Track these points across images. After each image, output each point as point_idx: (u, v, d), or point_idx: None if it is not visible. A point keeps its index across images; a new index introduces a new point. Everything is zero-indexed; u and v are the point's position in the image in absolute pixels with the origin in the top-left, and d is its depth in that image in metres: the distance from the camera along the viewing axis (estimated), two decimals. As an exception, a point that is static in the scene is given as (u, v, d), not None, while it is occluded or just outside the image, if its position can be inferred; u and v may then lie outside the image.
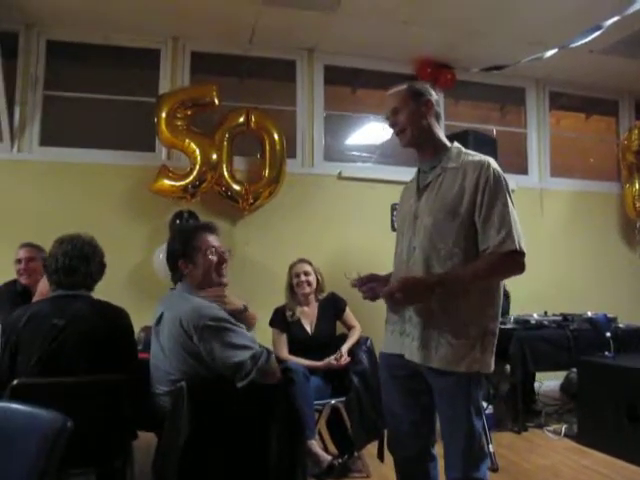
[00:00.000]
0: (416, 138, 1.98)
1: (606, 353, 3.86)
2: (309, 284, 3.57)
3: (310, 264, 3.64)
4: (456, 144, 2.01)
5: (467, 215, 1.83)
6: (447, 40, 4.93)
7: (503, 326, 4.19)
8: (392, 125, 2.01)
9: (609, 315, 4.36)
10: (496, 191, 1.82)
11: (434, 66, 5.32)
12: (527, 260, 1.84)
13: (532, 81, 5.86)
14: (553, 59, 4.26)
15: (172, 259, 2.31)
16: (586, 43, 3.67)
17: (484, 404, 3.79)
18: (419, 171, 2.06)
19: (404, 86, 2.02)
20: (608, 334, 3.95)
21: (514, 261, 1.80)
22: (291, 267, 3.66)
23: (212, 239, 2.32)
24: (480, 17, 4.48)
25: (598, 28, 3.42)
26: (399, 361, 1.96)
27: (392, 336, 2.03)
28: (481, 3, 4.29)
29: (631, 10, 3.25)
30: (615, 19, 3.36)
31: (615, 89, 6.04)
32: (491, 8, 4.34)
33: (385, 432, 3.18)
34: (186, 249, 2.27)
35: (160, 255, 4.38)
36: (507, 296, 4.56)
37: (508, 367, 4.19)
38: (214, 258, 2.28)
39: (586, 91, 6.04)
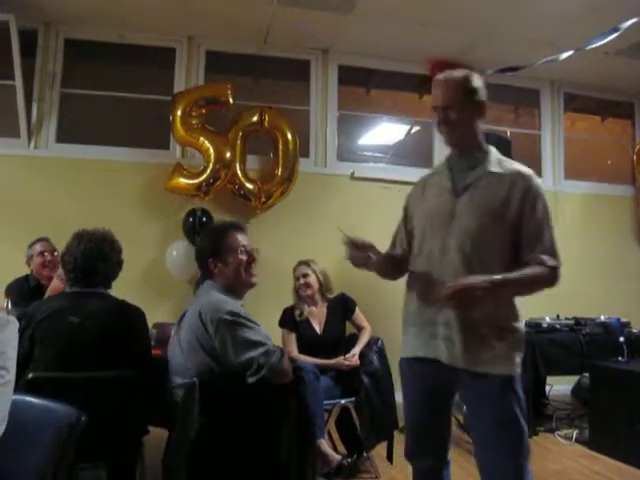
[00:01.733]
0: (463, 139, 1.92)
1: (619, 358, 3.83)
2: (308, 286, 3.58)
3: (309, 266, 3.64)
4: (492, 148, 1.96)
5: (512, 223, 1.82)
6: (462, 41, 4.91)
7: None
8: (443, 121, 1.88)
9: (623, 320, 4.32)
10: (544, 206, 1.86)
11: (448, 67, 5.28)
12: None
13: (547, 83, 5.82)
14: (568, 61, 4.22)
15: (202, 258, 2.31)
16: (602, 45, 3.63)
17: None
18: (450, 169, 1.95)
19: (460, 76, 1.89)
20: (621, 339, 3.92)
21: (554, 276, 1.83)
22: (293, 269, 3.68)
23: (242, 238, 2.33)
24: (495, 18, 4.46)
25: (615, 30, 3.39)
26: (427, 365, 1.90)
27: (419, 339, 1.94)
28: (496, 4, 4.26)
29: None
30: (633, 21, 3.33)
31: (631, 91, 5.98)
32: (506, 9, 4.32)
33: (395, 434, 3.25)
34: (216, 248, 2.28)
35: (174, 252, 4.42)
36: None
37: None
38: (244, 257, 2.29)
39: (601, 93, 5.98)
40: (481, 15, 4.42)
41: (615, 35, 3.43)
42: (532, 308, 4.70)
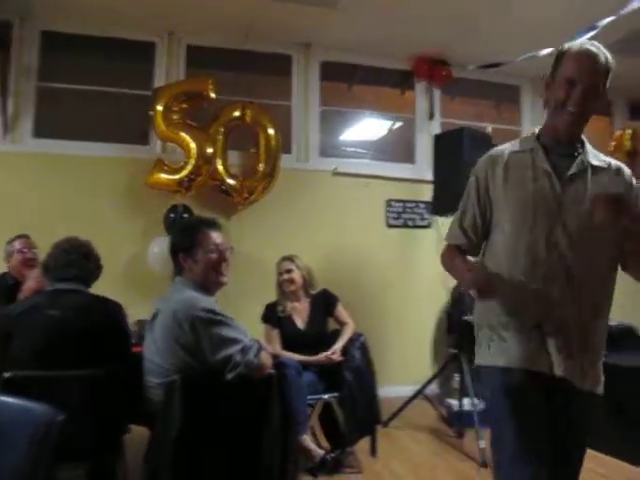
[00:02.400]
0: (582, 126, 1.69)
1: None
2: (292, 281, 3.56)
3: (293, 261, 3.62)
4: (585, 138, 1.75)
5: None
6: (444, 37, 4.92)
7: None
8: (580, 101, 1.60)
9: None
10: None
11: (431, 63, 5.32)
12: None
13: (527, 79, 5.85)
14: (548, 58, 4.24)
15: (173, 252, 2.30)
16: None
17: (477, 400, 3.81)
18: (546, 152, 1.69)
19: (612, 61, 1.64)
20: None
21: None
22: (277, 265, 3.67)
23: (215, 236, 2.30)
24: (477, 15, 4.47)
25: (593, 28, 3.42)
26: (538, 381, 1.63)
27: (532, 350, 1.63)
28: (478, 1, 4.28)
29: (626, 10, 3.26)
30: (610, 19, 3.36)
31: (610, 89, 6.03)
32: (488, 6, 4.34)
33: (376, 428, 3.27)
34: (187, 243, 2.26)
35: (155, 248, 4.37)
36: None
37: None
38: (214, 256, 2.26)
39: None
40: (463, 11, 4.42)
41: (593, 33, 3.46)
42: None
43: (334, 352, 3.34)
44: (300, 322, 3.55)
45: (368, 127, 5.76)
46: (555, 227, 1.62)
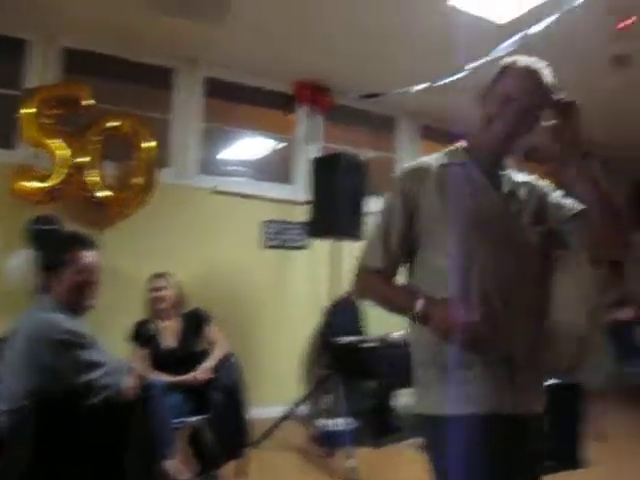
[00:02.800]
0: (516, 143, 1.57)
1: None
2: (163, 299, 3.49)
3: (165, 278, 3.56)
4: None
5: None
6: (327, 65, 5.10)
7: (366, 344, 4.36)
8: (517, 124, 1.49)
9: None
10: None
11: (313, 88, 5.47)
12: None
13: (403, 111, 6.20)
14: (424, 93, 4.53)
15: (40, 267, 2.14)
16: (451, 82, 3.95)
17: (347, 419, 3.91)
18: (479, 163, 1.56)
19: (554, 82, 1.50)
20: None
21: None
22: (147, 282, 3.57)
23: (86, 255, 2.15)
24: (360, 47, 4.70)
25: (461, 71, 3.70)
26: (507, 423, 1.42)
27: (499, 389, 1.42)
28: (362, 35, 4.49)
29: (492, 56, 3.55)
30: (478, 63, 3.65)
31: (477, 126, 6.54)
32: (372, 41, 4.57)
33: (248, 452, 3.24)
34: (54, 261, 2.11)
35: (15, 262, 4.06)
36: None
37: (369, 384, 4.34)
38: (81, 278, 2.12)
39: (453, 125, 6.46)
40: (347, 42, 4.62)
41: (462, 75, 3.74)
42: (383, 324, 4.96)
43: (202, 372, 3.28)
44: (170, 341, 3.46)
45: (250, 147, 5.80)
46: (502, 249, 1.48)
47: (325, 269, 4.54)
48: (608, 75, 3.29)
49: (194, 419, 3.20)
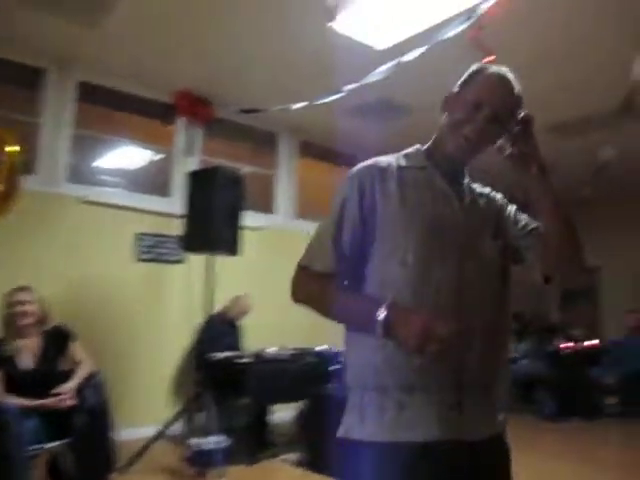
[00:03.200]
0: (478, 155, 1.46)
1: (331, 385, 4.21)
2: (25, 315, 3.27)
3: (28, 292, 3.34)
4: None
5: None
6: (208, 76, 5.07)
7: (240, 360, 4.33)
8: (484, 132, 1.39)
9: (336, 349, 4.76)
10: None
11: (193, 100, 5.39)
12: (269, 296, 1.84)
13: (285, 128, 6.28)
14: (304, 111, 4.62)
15: None
16: (331, 102, 4.06)
17: (219, 437, 3.84)
18: (439, 170, 1.45)
19: (521, 94, 1.43)
20: (333, 367, 4.31)
21: None
22: (6, 296, 3.32)
23: None
24: (242, 63, 4.73)
25: (338, 92, 3.82)
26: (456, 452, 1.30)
27: (436, 415, 1.29)
28: (245, 51, 4.51)
29: (368, 80, 3.69)
30: (353, 86, 3.78)
31: (354, 146, 6.76)
32: (255, 57, 4.62)
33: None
34: None
35: None
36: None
37: (244, 400, 4.31)
38: None
39: (332, 144, 6.67)
40: (230, 57, 4.63)
41: (337, 96, 3.86)
42: (256, 339, 4.97)
43: (64, 393, 3.09)
44: (29, 361, 3.22)
45: (126, 156, 5.59)
46: (464, 261, 1.37)
47: (200, 284, 4.47)
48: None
49: (54, 444, 2.99)
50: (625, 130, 5.60)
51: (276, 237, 5.93)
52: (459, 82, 1.46)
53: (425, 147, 1.50)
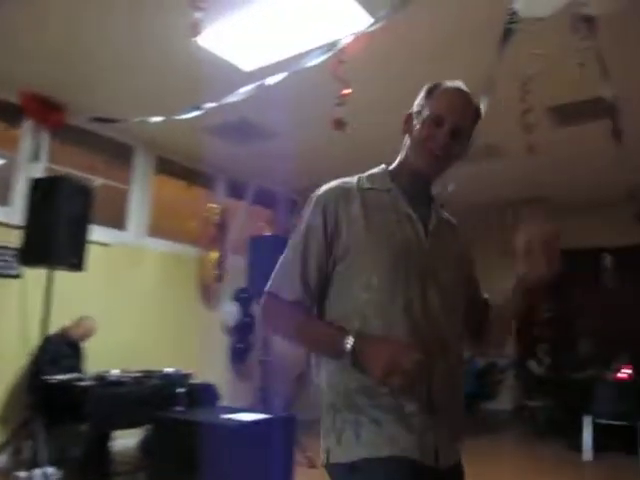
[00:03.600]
0: (444, 172, 1.48)
1: (177, 408, 4.06)
2: None
3: None
4: None
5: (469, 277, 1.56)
6: (61, 80, 4.75)
7: (79, 383, 4.05)
8: (448, 144, 1.40)
9: (184, 371, 4.64)
10: None
11: (42, 103, 5.02)
12: (117, 316, 1.78)
13: (142, 142, 6.06)
14: (163, 126, 4.49)
15: None
16: (192, 119, 3.99)
17: (50, 469, 3.55)
18: (404, 192, 1.46)
19: (478, 105, 1.48)
20: (181, 389, 4.17)
21: None
22: None
23: None
24: (102, 71, 4.53)
25: (197, 108, 3.77)
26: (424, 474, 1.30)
27: (420, 435, 1.30)
28: (106, 58, 4.33)
29: (229, 100, 3.69)
30: (214, 104, 3.75)
31: (213, 165, 6.72)
32: (116, 65, 4.43)
33: None
34: None
35: None
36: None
37: (82, 427, 4.02)
38: None
39: (189, 162, 6.57)
40: (89, 64, 4.41)
41: (197, 113, 3.81)
42: (102, 361, 4.70)
43: None
44: None
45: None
46: (428, 286, 1.37)
47: (38, 301, 4.13)
48: (326, 130, 3.64)
49: None
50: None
51: (126, 254, 5.69)
52: (416, 101, 1.47)
53: (390, 168, 1.51)
